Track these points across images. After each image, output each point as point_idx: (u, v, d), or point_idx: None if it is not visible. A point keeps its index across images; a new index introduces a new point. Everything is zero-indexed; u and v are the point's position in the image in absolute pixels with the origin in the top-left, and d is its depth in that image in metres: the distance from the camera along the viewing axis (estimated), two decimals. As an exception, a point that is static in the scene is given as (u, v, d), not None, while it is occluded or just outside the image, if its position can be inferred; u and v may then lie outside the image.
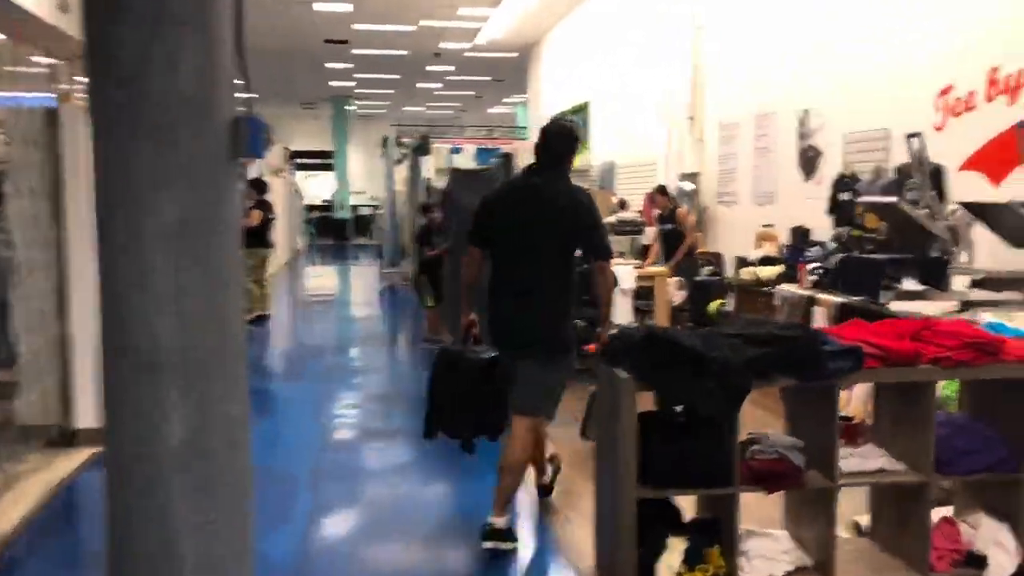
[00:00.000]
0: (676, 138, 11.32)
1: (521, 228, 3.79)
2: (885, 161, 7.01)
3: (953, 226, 5.62)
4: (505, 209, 3.87)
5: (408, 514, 4.55)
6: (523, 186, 3.92)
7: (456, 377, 3.77)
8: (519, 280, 3.81)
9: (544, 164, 3.85)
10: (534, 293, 3.80)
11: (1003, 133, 5.72)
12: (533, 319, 3.80)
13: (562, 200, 3.80)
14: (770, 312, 7.08)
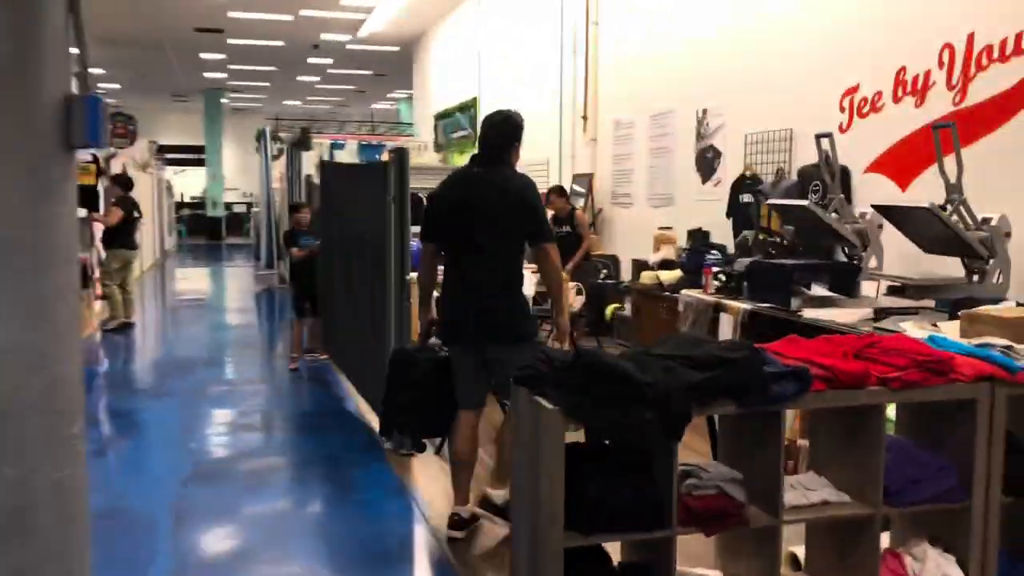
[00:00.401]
0: (569, 137, 11.03)
1: (469, 219, 3.80)
2: (787, 163, 6.85)
3: (862, 230, 5.46)
4: (451, 202, 3.88)
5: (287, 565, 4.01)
6: (465, 177, 3.94)
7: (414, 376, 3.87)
8: (475, 271, 3.84)
9: (486, 155, 3.90)
10: (492, 282, 3.84)
11: (911, 135, 5.61)
12: (495, 308, 3.85)
13: (505, 187, 3.82)
14: (672, 318, 6.83)
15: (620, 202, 9.83)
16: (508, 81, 13.20)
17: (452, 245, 3.92)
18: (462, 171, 4.10)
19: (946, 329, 4.25)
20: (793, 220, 5.91)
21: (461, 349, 3.94)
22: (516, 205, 3.85)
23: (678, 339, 3.09)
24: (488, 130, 3.95)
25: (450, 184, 4.04)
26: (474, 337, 3.86)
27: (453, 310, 3.95)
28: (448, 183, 4.06)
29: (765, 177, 7.10)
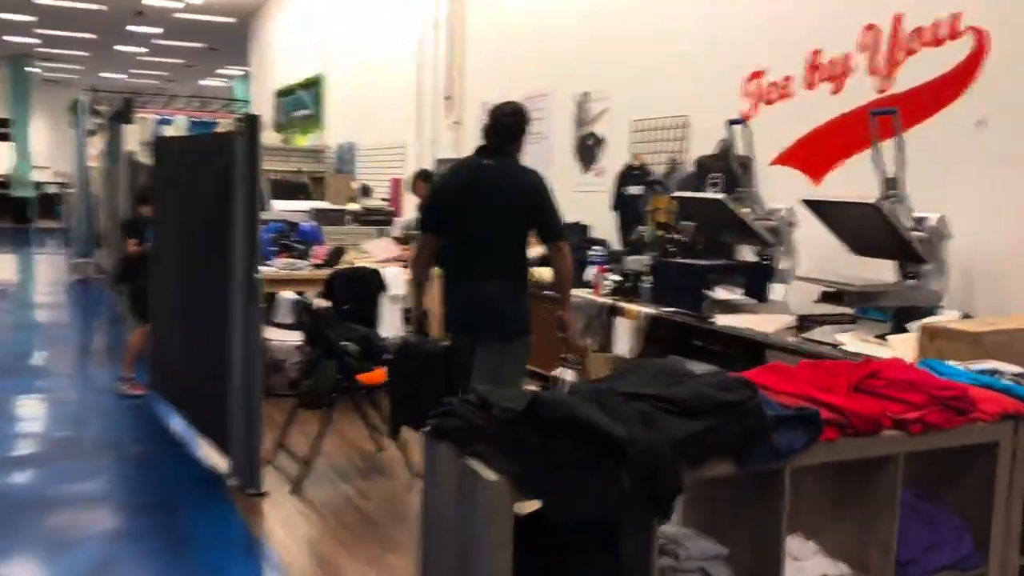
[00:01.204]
0: (430, 119, 10.19)
1: (480, 211, 3.76)
2: (682, 152, 6.30)
3: (775, 227, 4.95)
4: (462, 193, 3.81)
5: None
6: (478, 168, 3.85)
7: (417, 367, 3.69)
8: (480, 264, 3.80)
9: (496, 146, 3.89)
10: (495, 276, 3.82)
11: (827, 124, 5.14)
12: (496, 302, 3.83)
13: (519, 182, 3.85)
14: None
15: (487, 191, 9.09)
16: (359, 56, 12.19)
17: (453, 235, 3.84)
18: (470, 161, 3.97)
19: (897, 344, 3.74)
20: (697, 215, 5.33)
21: (460, 340, 3.86)
22: (529, 200, 3.85)
23: (645, 368, 2.35)
24: (496, 121, 3.93)
25: (457, 174, 3.94)
26: (471, 326, 3.85)
27: (450, 301, 3.93)
28: (454, 174, 3.96)
29: (656, 168, 6.53)
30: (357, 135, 12.50)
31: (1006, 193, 4.22)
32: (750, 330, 4.48)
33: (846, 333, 4.08)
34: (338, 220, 9.89)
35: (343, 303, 5.60)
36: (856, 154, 4.94)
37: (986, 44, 4.26)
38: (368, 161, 12.07)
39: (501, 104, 4.09)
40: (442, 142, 9.93)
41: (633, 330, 5.24)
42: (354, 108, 12.52)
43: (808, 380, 2.46)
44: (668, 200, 6.08)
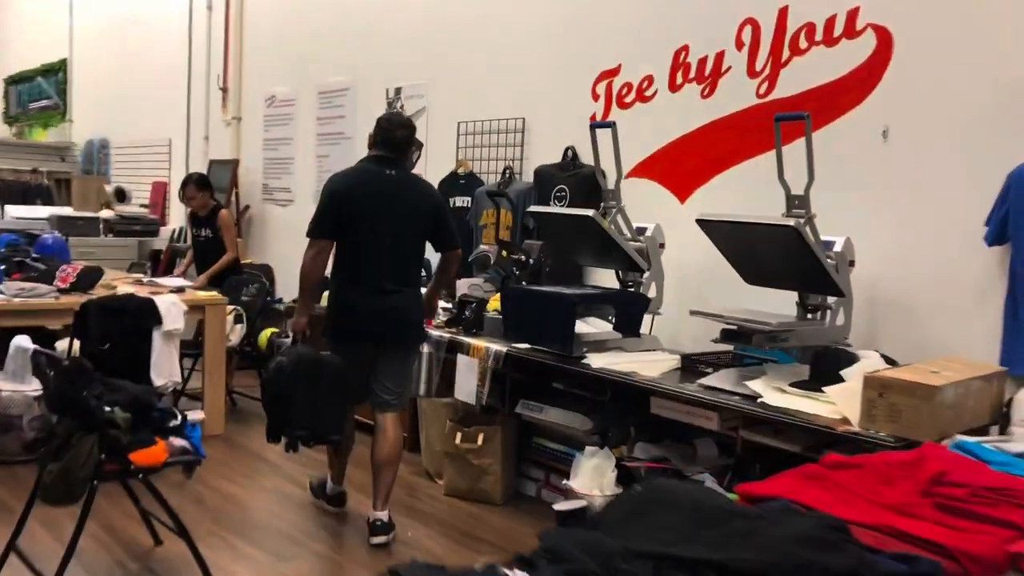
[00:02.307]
0: (201, 113, 8.78)
1: (390, 222, 3.82)
2: (518, 160, 5.48)
3: (642, 249, 4.24)
4: (369, 201, 3.81)
5: None
6: (384, 178, 3.86)
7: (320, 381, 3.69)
8: (389, 274, 3.85)
9: (395, 157, 3.93)
10: (405, 286, 3.92)
11: (696, 132, 4.50)
12: (400, 310, 3.91)
13: (426, 195, 4.00)
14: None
15: (274, 199, 7.86)
16: (116, 40, 10.46)
17: (356, 243, 3.83)
18: (372, 170, 3.91)
19: (838, 399, 3.08)
20: (552, 234, 4.52)
21: (357, 348, 3.87)
22: (437, 213, 4.00)
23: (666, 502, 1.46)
24: (393, 131, 3.94)
25: (361, 182, 3.88)
26: (374, 336, 3.90)
27: (353, 309, 3.89)
28: (357, 181, 3.89)
29: (487, 177, 5.67)
30: (111, 131, 10.74)
31: (912, 213, 3.72)
32: (634, 374, 3.71)
33: (755, 381, 3.39)
34: (89, 230, 8.31)
35: (100, 343, 4.30)
36: (733, 167, 4.33)
37: (889, 44, 3.75)
38: (125, 161, 10.37)
39: (390, 115, 4.15)
40: (218, 141, 8.56)
41: (479, 371, 4.33)
42: (108, 99, 10.74)
43: (866, 494, 1.67)
44: (505, 214, 5.25)
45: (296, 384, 3.67)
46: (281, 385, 3.69)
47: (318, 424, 3.73)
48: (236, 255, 6.49)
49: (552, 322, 3.97)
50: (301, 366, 3.69)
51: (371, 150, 3.95)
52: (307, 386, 3.67)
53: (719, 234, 3.57)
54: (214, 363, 5.29)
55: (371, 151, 3.94)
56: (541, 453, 4.45)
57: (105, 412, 3.06)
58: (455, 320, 4.75)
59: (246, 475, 4.79)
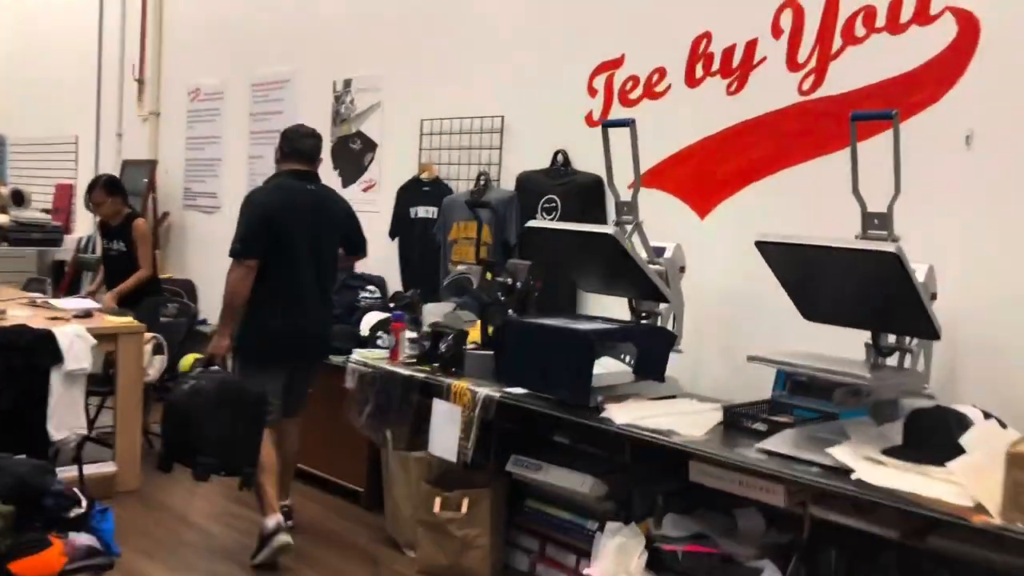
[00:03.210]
0: (114, 108, 7.76)
1: (310, 238, 3.80)
2: (493, 165, 4.70)
3: (662, 273, 3.51)
4: (292, 216, 3.76)
5: None
6: (304, 193, 3.85)
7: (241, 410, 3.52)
8: (305, 287, 3.82)
9: (311, 171, 3.91)
10: (322, 304, 3.92)
11: (719, 136, 3.81)
12: (321, 325, 3.95)
13: (342, 209, 4.04)
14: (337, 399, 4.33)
15: (198, 205, 6.90)
16: (14, 22, 9.31)
17: (281, 262, 3.73)
18: (292, 185, 3.85)
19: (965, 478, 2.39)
20: (551, 252, 3.75)
21: (278, 367, 3.82)
22: (346, 222, 4.03)
23: None
24: (302, 141, 3.91)
25: (285, 198, 3.81)
26: (298, 353, 3.88)
27: (278, 331, 3.77)
28: (279, 197, 3.81)
29: (456, 184, 4.88)
30: (8, 126, 9.55)
31: (1001, 235, 3.08)
32: (672, 433, 2.97)
33: (838, 448, 2.68)
34: (-24, 238, 7.21)
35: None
36: (767, 177, 3.65)
37: (974, 31, 3.11)
38: (23, 160, 9.22)
39: (299, 127, 4.06)
40: (133, 138, 7.55)
41: (462, 420, 3.54)
42: (4, 90, 9.56)
43: None
44: (480, 229, 4.46)
45: (214, 410, 3.48)
46: (196, 408, 3.47)
47: (232, 455, 3.54)
48: (152, 272, 5.55)
49: (561, 363, 3.21)
50: (224, 392, 3.51)
51: (281, 164, 3.91)
52: (227, 413, 3.48)
53: (782, 260, 2.86)
54: (128, 403, 4.37)
55: (282, 165, 3.90)
56: (535, 519, 3.65)
57: (-25, 506, 2.17)
58: (428, 356, 3.94)
59: (170, 549, 3.89)
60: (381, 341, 4.45)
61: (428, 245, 4.90)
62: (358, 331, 4.67)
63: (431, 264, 4.89)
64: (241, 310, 3.74)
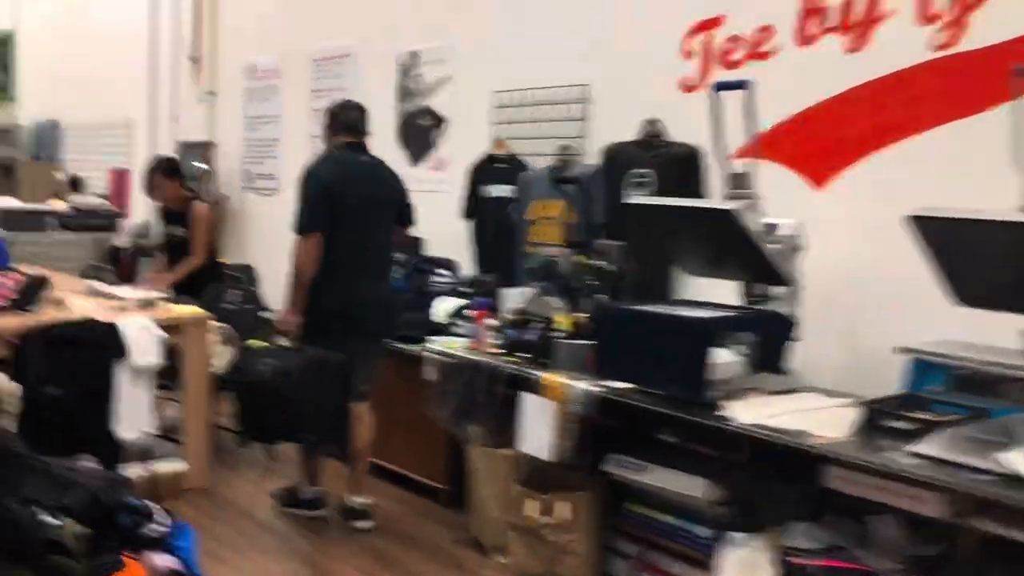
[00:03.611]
0: (169, 88, 7.56)
1: (373, 210, 3.84)
2: (578, 138, 4.37)
3: (780, 253, 3.17)
4: (353, 189, 3.79)
5: None
6: (360, 164, 3.89)
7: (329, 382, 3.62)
8: (375, 263, 3.88)
9: (363, 143, 3.92)
10: (383, 271, 3.95)
11: (837, 99, 3.44)
12: (387, 298, 3.95)
13: (396, 179, 4.00)
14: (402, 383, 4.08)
15: (257, 187, 6.68)
16: (64, 6, 9.17)
17: (343, 234, 3.72)
18: (349, 158, 3.89)
19: None
20: (657, 233, 3.42)
21: (341, 342, 3.71)
22: (401, 193, 4.00)
23: None
24: (349, 114, 3.95)
25: (340, 171, 3.83)
26: (361, 327, 3.80)
27: (346, 303, 3.75)
28: (338, 170, 3.83)
29: (534, 160, 4.56)
30: (62, 110, 9.45)
31: None
32: (806, 434, 2.64)
33: (1010, 454, 2.32)
34: (36, 225, 7.09)
35: (44, 385, 3.15)
36: (895, 143, 3.27)
37: None
38: (79, 144, 9.10)
39: (340, 101, 4.14)
40: (188, 119, 7.34)
41: (556, 417, 3.24)
42: (58, 74, 9.45)
43: None
44: (564, 208, 4.15)
45: (307, 387, 3.53)
46: (289, 388, 3.51)
47: (329, 429, 3.63)
48: (203, 260, 5.30)
49: (673, 356, 2.89)
50: (312, 367, 3.54)
51: (331, 140, 3.93)
52: (318, 388, 3.55)
53: (936, 237, 2.51)
54: (196, 398, 4.15)
55: (334, 139, 3.91)
56: (636, 523, 3.35)
57: (47, 527, 1.93)
58: (514, 345, 3.65)
59: (239, 550, 3.67)
60: (459, 329, 4.19)
61: (503, 226, 4.59)
62: (431, 317, 4.41)
63: (506, 246, 4.58)
64: (308, 286, 3.74)
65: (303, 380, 3.53)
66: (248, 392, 3.64)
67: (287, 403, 3.53)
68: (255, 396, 3.61)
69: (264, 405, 3.58)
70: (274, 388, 3.52)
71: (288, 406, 3.54)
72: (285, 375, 3.51)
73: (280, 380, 3.52)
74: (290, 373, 3.52)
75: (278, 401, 3.53)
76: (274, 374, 3.54)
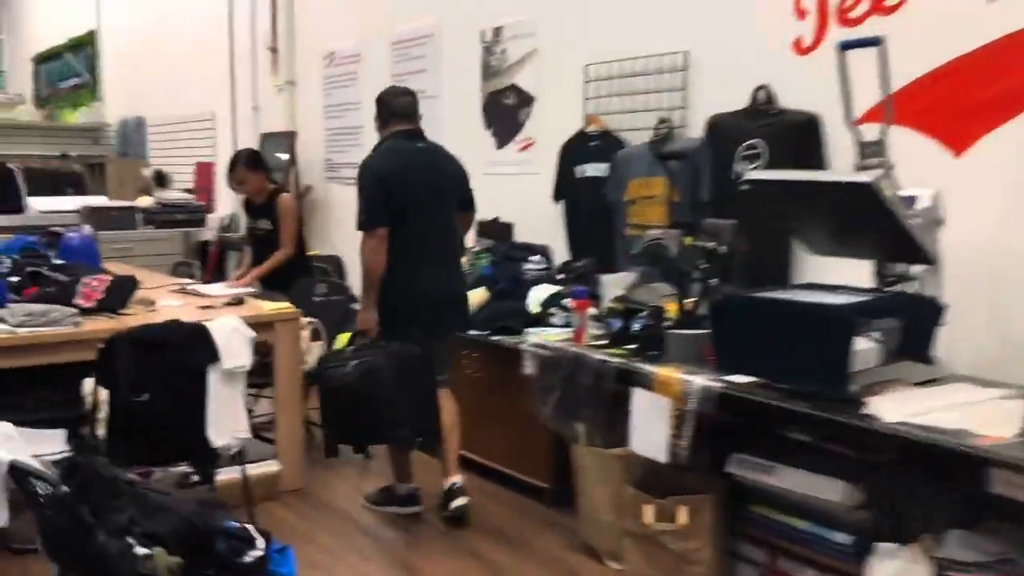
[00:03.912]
0: (248, 80, 7.49)
1: (437, 198, 3.73)
2: (677, 109, 4.08)
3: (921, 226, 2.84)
4: (412, 178, 3.65)
5: None
6: (417, 151, 3.74)
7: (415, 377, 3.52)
8: (432, 251, 3.71)
9: (418, 129, 3.79)
10: (448, 260, 3.81)
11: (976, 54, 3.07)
12: (457, 288, 3.86)
13: (456, 165, 3.85)
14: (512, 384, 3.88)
15: (340, 177, 6.55)
16: (144, 4, 9.20)
17: (408, 226, 3.61)
18: (405, 147, 3.72)
19: None
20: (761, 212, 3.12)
21: (423, 335, 3.64)
22: (461, 177, 3.85)
23: None
24: (398, 99, 3.79)
25: (401, 159, 3.68)
26: (433, 318, 3.70)
27: (418, 295, 3.66)
28: (396, 161, 3.67)
29: (630, 136, 4.29)
30: (146, 107, 9.50)
31: None
32: (966, 433, 2.33)
33: None
34: (125, 222, 7.11)
35: (135, 393, 3.04)
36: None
37: None
38: (163, 140, 9.14)
39: (388, 88, 3.94)
40: (269, 110, 7.26)
41: (671, 415, 2.99)
42: (141, 72, 9.51)
43: None
44: (666, 185, 3.87)
45: (395, 385, 3.44)
46: (377, 387, 3.42)
47: (419, 423, 3.55)
48: (293, 252, 5.18)
49: (809, 347, 2.60)
50: (397, 364, 3.47)
51: (385, 129, 3.77)
52: (406, 384, 3.47)
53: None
54: (288, 397, 4.03)
55: (386, 130, 3.77)
56: (763, 527, 3.07)
57: (137, 559, 1.77)
58: (619, 336, 3.40)
59: (338, 555, 3.52)
60: (555, 319, 3.96)
61: (598, 208, 4.34)
62: (526, 307, 4.19)
63: (601, 229, 4.34)
64: (379, 283, 3.64)
65: (389, 378, 3.43)
66: (335, 398, 3.50)
67: (376, 404, 3.42)
68: (342, 401, 3.48)
69: (353, 409, 3.46)
70: (361, 391, 3.42)
71: (378, 407, 3.43)
72: (370, 375, 3.41)
73: (366, 382, 3.42)
74: (375, 372, 3.42)
75: (367, 403, 3.43)
76: (360, 376, 3.43)
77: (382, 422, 3.47)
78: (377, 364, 3.45)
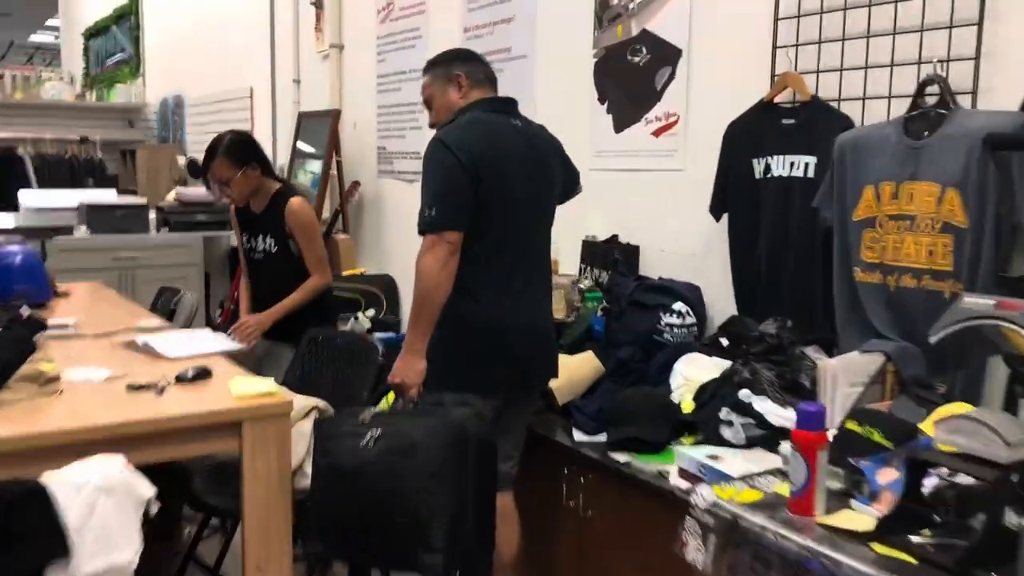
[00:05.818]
0: (290, 47, 5.93)
1: (528, 193, 2.58)
2: (967, 59, 2.29)
3: None
4: (504, 165, 2.51)
5: None
6: (510, 129, 2.58)
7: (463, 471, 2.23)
8: (530, 275, 2.61)
9: (510, 99, 2.67)
10: (543, 289, 2.69)
11: None
12: (547, 328, 2.69)
13: (556, 147, 2.72)
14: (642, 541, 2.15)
15: (396, 171, 4.91)
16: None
17: (494, 233, 2.49)
18: (489, 119, 2.56)
19: None
20: None
21: (488, 396, 2.43)
22: (561, 161, 2.72)
23: None
24: (482, 60, 2.73)
25: (493, 141, 2.51)
26: (520, 367, 2.56)
27: (487, 333, 2.52)
28: (487, 139, 2.49)
29: (857, 110, 2.51)
30: (186, 85, 8.10)
31: None
32: None
33: None
34: (133, 224, 5.65)
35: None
36: None
37: None
38: (201, 123, 7.72)
39: (455, 49, 2.87)
40: (311, 83, 5.68)
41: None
42: (180, 43, 8.11)
43: None
44: (944, 196, 2.07)
45: (433, 478, 2.17)
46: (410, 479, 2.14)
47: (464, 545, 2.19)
48: (330, 277, 3.54)
49: None
50: (441, 443, 2.19)
51: (467, 97, 2.59)
52: (451, 480, 2.18)
53: None
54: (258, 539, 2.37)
55: (468, 98, 2.59)
56: None
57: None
58: (902, 516, 1.64)
59: None
60: (731, 432, 2.24)
61: (797, 228, 2.59)
62: (671, 399, 2.50)
63: (803, 264, 2.60)
64: (439, 309, 2.50)
65: (428, 464, 2.18)
66: (338, 484, 2.23)
67: (403, 504, 2.16)
68: (349, 493, 2.20)
69: (363, 508, 2.19)
70: (381, 482, 2.18)
71: (404, 509, 2.16)
72: (400, 456, 2.19)
73: (391, 466, 2.19)
74: (408, 453, 2.20)
75: (388, 502, 2.18)
76: (382, 455, 2.21)
77: (404, 536, 2.16)
78: (411, 440, 2.21)
